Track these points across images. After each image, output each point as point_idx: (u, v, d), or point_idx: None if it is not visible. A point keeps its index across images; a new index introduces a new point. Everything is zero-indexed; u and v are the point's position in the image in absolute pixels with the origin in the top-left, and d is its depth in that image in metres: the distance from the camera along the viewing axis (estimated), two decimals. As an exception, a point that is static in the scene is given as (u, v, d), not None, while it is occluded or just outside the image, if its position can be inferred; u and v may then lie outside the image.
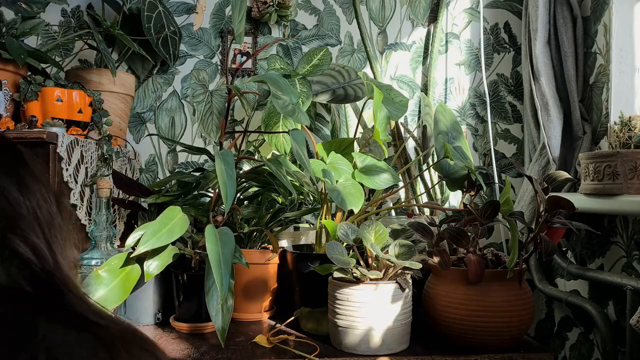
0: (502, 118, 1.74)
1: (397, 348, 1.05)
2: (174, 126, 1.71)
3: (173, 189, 1.35)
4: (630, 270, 1.26)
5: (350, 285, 1.04)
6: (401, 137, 1.65)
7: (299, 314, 1.19)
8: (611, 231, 1.33)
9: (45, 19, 1.57)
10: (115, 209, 1.39)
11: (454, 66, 1.74)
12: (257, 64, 1.71)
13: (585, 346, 1.43)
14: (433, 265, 1.11)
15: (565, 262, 1.41)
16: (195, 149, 1.33)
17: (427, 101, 1.64)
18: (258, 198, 1.40)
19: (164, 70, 1.70)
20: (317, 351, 1.05)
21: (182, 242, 1.44)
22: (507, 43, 1.74)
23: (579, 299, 1.36)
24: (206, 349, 1.07)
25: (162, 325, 1.23)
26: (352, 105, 1.71)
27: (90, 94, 1.35)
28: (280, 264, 1.31)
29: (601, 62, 1.41)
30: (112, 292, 1.03)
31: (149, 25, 1.53)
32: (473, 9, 1.74)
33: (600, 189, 1.18)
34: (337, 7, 1.73)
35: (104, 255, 1.15)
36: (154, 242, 1.04)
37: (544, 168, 1.46)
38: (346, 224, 1.11)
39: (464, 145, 1.35)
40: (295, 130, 1.17)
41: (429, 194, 1.62)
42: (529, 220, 1.39)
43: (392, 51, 1.74)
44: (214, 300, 1.04)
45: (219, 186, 1.01)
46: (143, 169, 1.69)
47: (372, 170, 1.23)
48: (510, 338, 1.05)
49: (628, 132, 1.20)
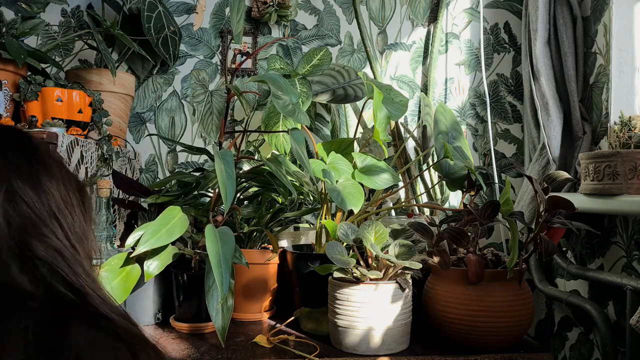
0: (502, 118, 1.74)
1: (397, 348, 1.05)
2: (174, 126, 1.71)
3: (173, 189, 1.35)
4: (630, 270, 1.26)
5: (350, 285, 1.04)
6: (401, 137, 1.65)
7: (299, 314, 1.19)
8: (611, 231, 1.33)
9: (45, 19, 1.57)
10: (115, 209, 1.39)
11: (454, 66, 1.74)
12: (257, 64, 1.71)
13: (585, 346, 1.43)
14: (433, 265, 1.11)
15: (565, 262, 1.41)
16: (195, 149, 1.33)
17: (427, 101, 1.64)
18: (258, 198, 1.40)
19: (164, 70, 1.70)
20: (317, 351, 1.05)
21: (182, 242, 1.44)
22: (507, 43, 1.74)
23: (579, 299, 1.36)
24: (206, 349, 1.07)
25: (162, 325, 1.23)
26: (352, 105, 1.71)
27: (90, 94, 1.35)
28: (280, 264, 1.31)
29: (601, 62, 1.41)
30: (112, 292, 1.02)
31: (149, 25, 1.53)
32: (473, 9, 1.74)
33: (600, 189, 1.18)
34: (337, 7, 1.73)
35: (104, 255, 1.15)
36: (154, 242, 1.04)
37: (544, 168, 1.46)
38: (346, 224, 1.11)
39: (464, 145, 1.35)
40: (295, 130, 1.17)
41: (429, 194, 1.62)
42: (529, 220, 1.39)
43: (392, 51, 1.74)
44: (214, 300, 1.04)
45: (219, 186, 1.01)
46: (143, 169, 1.69)
47: (372, 170, 1.23)
48: (510, 338, 1.05)
49: (628, 132, 1.20)
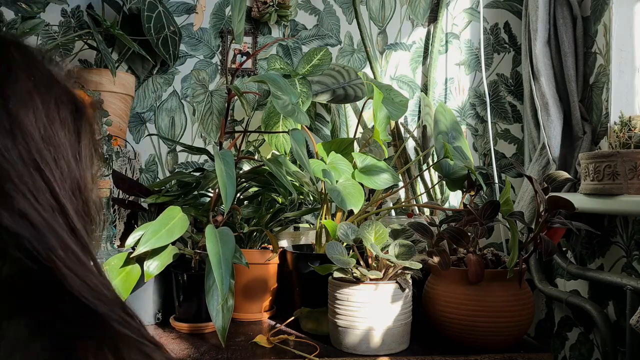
0: (502, 118, 1.74)
1: (397, 348, 1.05)
2: (174, 126, 1.71)
3: (173, 189, 1.35)
4: (630, 270, 1.26)
5: (350, 285, 1.04)
6: (401, 137, 1.65)
7: (299, 314, 1.19)
8: (611, 231, 1.33)
9: (45, 19, 1.57)
10: (115, 209, 1.39)
11: (454, 66, 1.74)
12: (257, 64, 1.71)
13: (585, 346, 1.43)
14: (433, 265, 1.11)
15: (565, 262, 1.41)
16: (195, 149, 1.33)
17: (427, 101, 1.64)
18: (258, 198, 1.40)
19: (164, 70, 1.70)
20: (317, 351, 1.05)
21: (182, 242, 1.44)
22: (507, 43, 1.74)
23: (579, 299, 1.36)
24: (206, 349, 1.07)
25: (162, 325, 1.23)
26: (352, 105, 1.71)
27: (90, 94, 1.35)
28: (280, 264, 1.31)
29: (601, 62, 1.41)
30: (112, 292, 1.02)
31: (149, 25, 1.53)
32: (473, 9, 1.74)
33: (600, 189, 1.18)
34: (337, 7, 1.73)
35: (104, 255, 1.15)
36: (154, 242, 1.04)
37: (544, 168, 1.46)
38: (346, 224, 1.11)
39: (464, 145, 1.35)
40: (295, 130, 1.17)
41: (429, 194, 1.62)
42: (529, 220, 1.39)
43: (392, 51, 1.74)
44: (214, 300, 1.04)
45: (219, 186, 1.01)
46: (143, 169, 1.69)
47: (372, 170, 1.23)
48: (510, 338, 1.05)
49: (628, 132, 1.20)
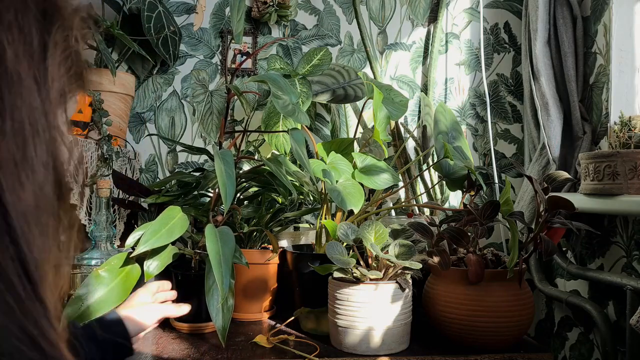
0: (502, 118, 1.74)
1: (397, 348, 1.05)
2: (174, 126, 1.71)
3: (173, 189, 1.35)
4: (630, 270, 1.26)
5: (350, 285, 1.04)
6: (401, 137, 1.65)
7: (299, 314, 1.19)
8: (611, 231, 1.33)
9: (45, 19, 1.57)
10: (115, 209, 1.39)
11: (454, 66, 1.74)
12: (257, 64, 1.71)
13: (585, 346, 1.43)
14: (433, 265, 1.10)
15: (565, 262, 1.41)
16: (195, 149, 1.33)
17: (427, 101, 1.64)
18: (258, 198, 1.40)
19: (164, 70, 1.70)
20: (317, 351, 1.05)
21: (182, 242, 1.44)
22: (507, 43, 1.74)
23: (579, 299, 1.36)
24: (206, 348, 1.07)
25: (162, 325, 1.23)
26: (352, 105, 1.71)
27: (90, 94, 1.35)
28: (280, 264, 1.31)
29: (601, 62, 1.41)
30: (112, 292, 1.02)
31: (148, 25, 1.53)
32: (473, 9, 1.74)
33: (600, 189, 1.18)
34: (337, 7, 1.73)
35: (104, 255, 1.15)
36: (154, 242, 1.04)
37: (544, 168, 1.46)
38: (346, 224, 1.11)
39: (464, 145, 1.35)
40: (295, 130, 1.17)
41: (429, 194, 1.62)
42: (529, 220, 1.39)
43: (392, 51, 1.74)
44: (215, 300, 1.04)
45: (219, 186, 1.01)
46: (143, 169, 1.69)
47: (372, 170, 1.23)
48: (510, 338, 1.05)
49: (628, 132, 1.20)
